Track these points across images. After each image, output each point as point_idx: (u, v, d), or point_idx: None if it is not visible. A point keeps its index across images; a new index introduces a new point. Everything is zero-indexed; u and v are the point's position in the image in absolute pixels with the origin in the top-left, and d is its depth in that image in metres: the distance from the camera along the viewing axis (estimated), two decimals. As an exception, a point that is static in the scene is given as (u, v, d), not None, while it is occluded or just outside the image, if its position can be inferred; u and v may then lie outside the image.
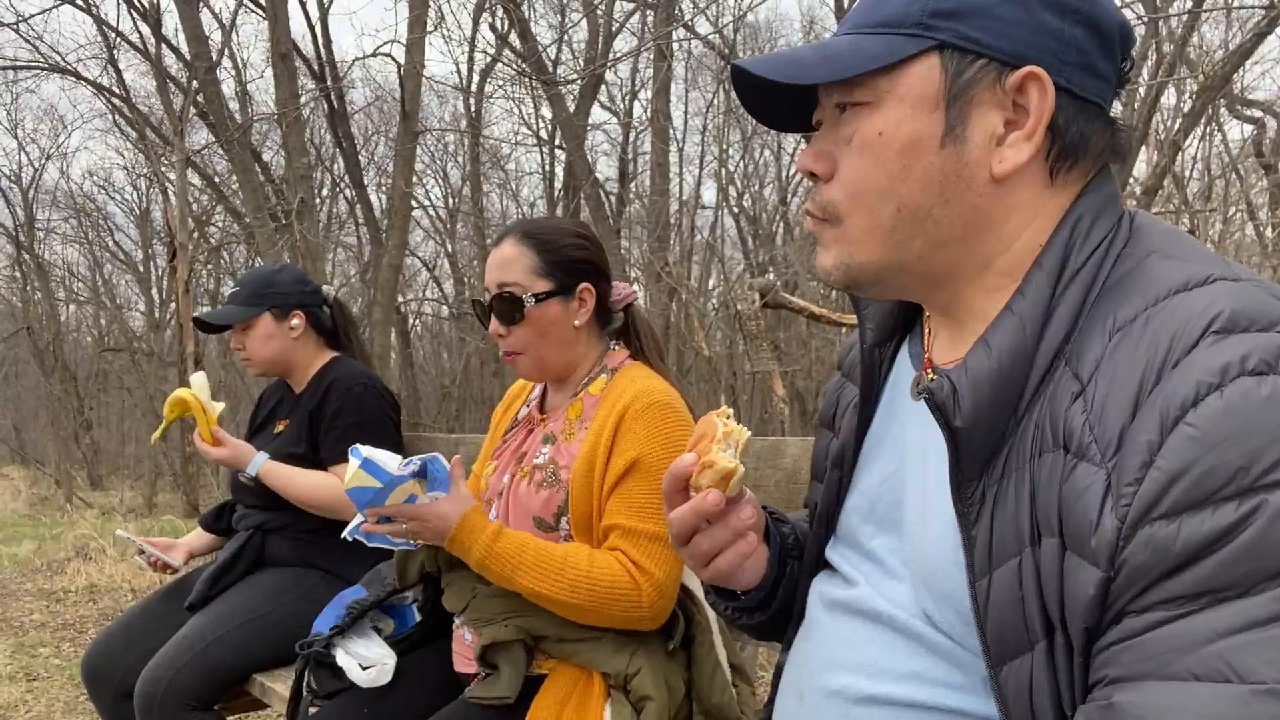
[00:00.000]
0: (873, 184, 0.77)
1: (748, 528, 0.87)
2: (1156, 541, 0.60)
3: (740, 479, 0.84)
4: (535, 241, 1.60)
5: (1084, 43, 0.74)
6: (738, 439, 0.84)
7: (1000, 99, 0.74)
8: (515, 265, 1.59)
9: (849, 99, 0.78)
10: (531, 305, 1.57)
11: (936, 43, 0.75)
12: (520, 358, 1.62)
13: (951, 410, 0.73)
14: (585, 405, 1.61)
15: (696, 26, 8.49)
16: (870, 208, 0.78)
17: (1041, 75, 0.73)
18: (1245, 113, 8.00)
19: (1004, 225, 0.77)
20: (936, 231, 0.77)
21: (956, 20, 0.74)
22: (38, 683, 4.01)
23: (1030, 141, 0.74)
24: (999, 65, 0.74)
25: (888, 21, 0.77)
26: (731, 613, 1.02)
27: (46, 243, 16.31)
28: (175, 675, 2.05)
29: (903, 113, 0.76)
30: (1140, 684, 0.60)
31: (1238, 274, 0.68)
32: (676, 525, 0.86)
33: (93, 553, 6.53)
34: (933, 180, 0.76)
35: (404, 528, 1.49)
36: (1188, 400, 0.61)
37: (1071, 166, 0.77)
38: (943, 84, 0.75)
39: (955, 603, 0.75)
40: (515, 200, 13.28)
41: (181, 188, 7.91)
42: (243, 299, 2.36)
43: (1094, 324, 0.71)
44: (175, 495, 10.55)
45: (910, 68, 0.76)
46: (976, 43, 0.74)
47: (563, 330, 1.61)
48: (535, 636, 1.51)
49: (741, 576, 0.96)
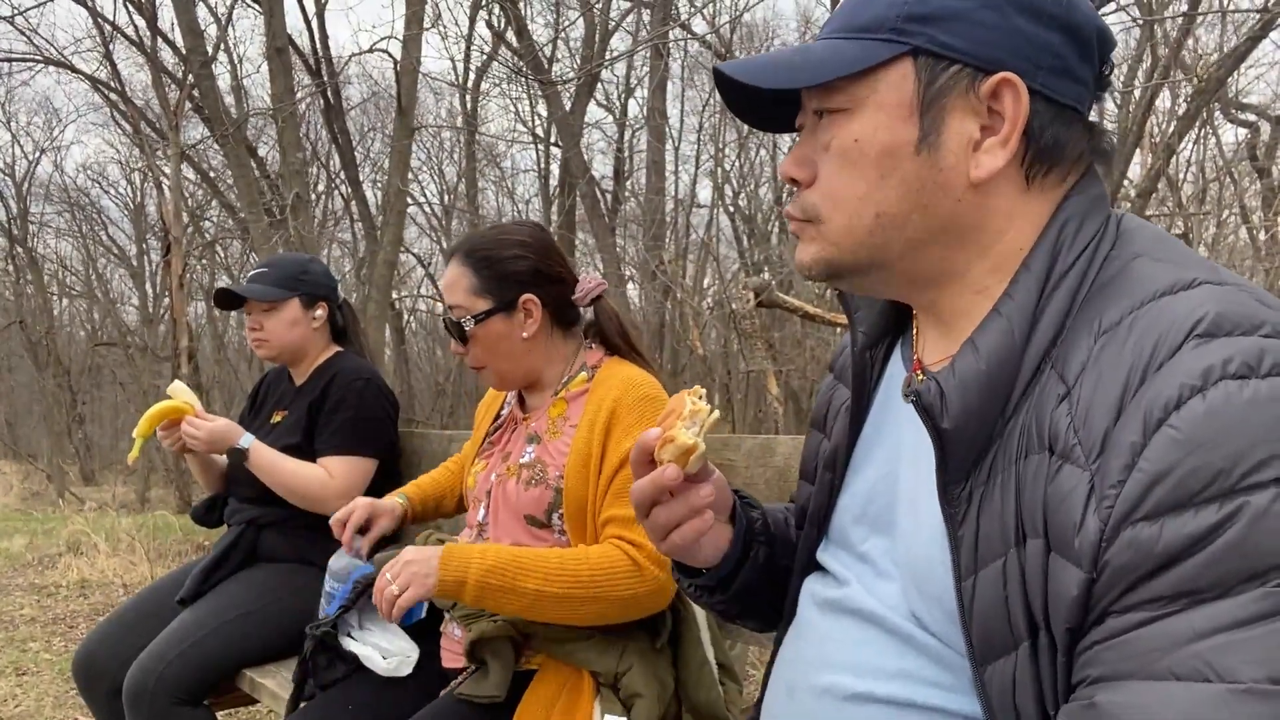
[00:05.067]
0: (851, 191, 0.78)
1: (706, 505, 0.88)
2: (1139, 542, 0.61)
3: (700, 456, 0.85)
4: (474, 260, 1.61)
5: (1060, 47, 0.74)
6: (704, 418, 0.86)
7: (975, 105, 0.74)
8: (457, 287, 1.61)
9: (826, 105, 0.79)
10: (472, 326, 1.60)
11: (910, 48, 0.75)
12: (483, 371, 1.66)
13: (939, 412, 0.73)
14: (568, 404, 1.62)
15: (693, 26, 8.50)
16: (849, 213, 0.78)
17: (1015, 81, 0.73)
18: (1239, 116, 8.03)
19: (983, 229, 0.77)
20: (915, 235, 0.78)
21: (931, 25, 0.74)
22: (27, 677, 4.01)
23: (1006, 148, 0.74)
24: (973, 70, 0.74)
25: (865, 26, 0.77)
26: (692, 590, 1.03)
27: (40, 236, 16.28)
28: (165, 669, 2.05)
29: (878, 120, 0.76)
30: (1122, 684, 0.61)
31: (1223, 278, 0.69)
32: (636, 496, 0.88)
33: (84, 548, 6.51)
34: (910, 187, 0.76)
35: (394, 585, 1.42)
36: (1171, 402, 0.62)
37: (1047, 171, 0.77)
38: (916, 90, 0.75)
39: (943, 603, 0.76)
40: (510, 198, 13.28)
41: (176, 182, 7.90)
42: (273, 280, 2.35)
43: (1080, 327, 0.71)
44: (168, 491, 10.54)
45: (885, 74, 0.76)
46: (951, 48, 0.74)
47: (510, 345, 1.62)
48: (524, 633, 1.51)
49: (699, 553, 0.96)
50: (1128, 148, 5.52)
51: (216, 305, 2.46)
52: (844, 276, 0.82)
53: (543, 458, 1.58)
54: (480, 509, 1.66)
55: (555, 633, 1.50)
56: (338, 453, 2.25)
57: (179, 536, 7.05)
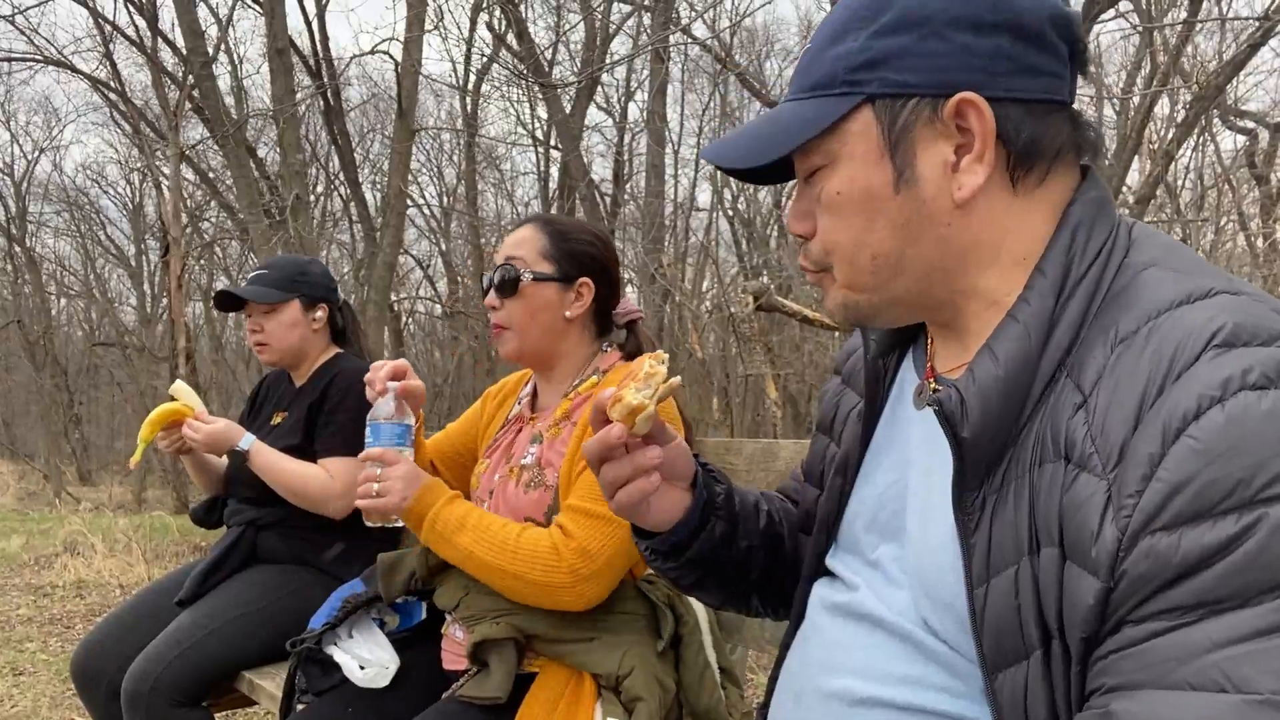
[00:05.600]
0: (845, 239, 0.81)
1: (652, 466, 0.89)
2: (1157, 552, 0.61)
3: (648, 417, 0.87)
4: (549, 228, 1.67)
5: (1011, 49, 0.75)
6: (659, 381, 0.88)
7: (943, 130, 0.75)
8: (525, 244, 1.65)
9: (807, 166, 0.82)
10: (527, 281, 1.62)
11: (865, 95, 0.77)
12: (506, 333, 1.65)
13: (959, 420, 0.73)
14: (573, 404, 1.62)
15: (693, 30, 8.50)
16: (848, 260, 0.81)
17: (973, 98, 0.74)
18: (1238, 124, 8.06)
19: (980, 245, 0.78)
20: (916, 267, 0.79)
21: (880, 69, 0.76)
22: (24, 677, 4.00)
23: (983, 163, 0.75)
24: (931, 99, 0.75)
25: (818, 84, 0.79)
26: (647, 554, 1.04)
27: (38, 236, 16.26)
28: (163, 670, 2.04)
29: (853, 170, 0.78)
30: (1137, 693, 0.61)
31: (1238, 288, 0.69)
32: (587, 452, 0.90)
33: (81, 548, 6.50)
34: (897, 225, 0.78)
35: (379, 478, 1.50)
36: (1189, 413, 0.61)
37: (1030, 169, 0.77)
38: (881, 134, 0.77)
39: (954, 610, 0.76)
40: (510, 200, 13.29)
41: (175, 182, 7.90)
42: (273, 282, 2.35)
43: (1096, 335, 0.71)
44: (165, 491, 10.52)
45: (847, 125, 0.78)
46: (903, 85, 0.75)
47: (552, 316, 1.64)
48: (527, 635, 1.51)
49: (647, 514, 0.97)
50: (1127, 154, 5.53)
51: (216, 307, 2.45)
52: (868, 318, 0.85)
53: (541, 459, 1.58)
54: (484, 508, 1.66)
55: (557, 634, 1.50)
56: (339, 454, 2.25)
57: (176, 537, 7.05)
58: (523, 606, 1.50)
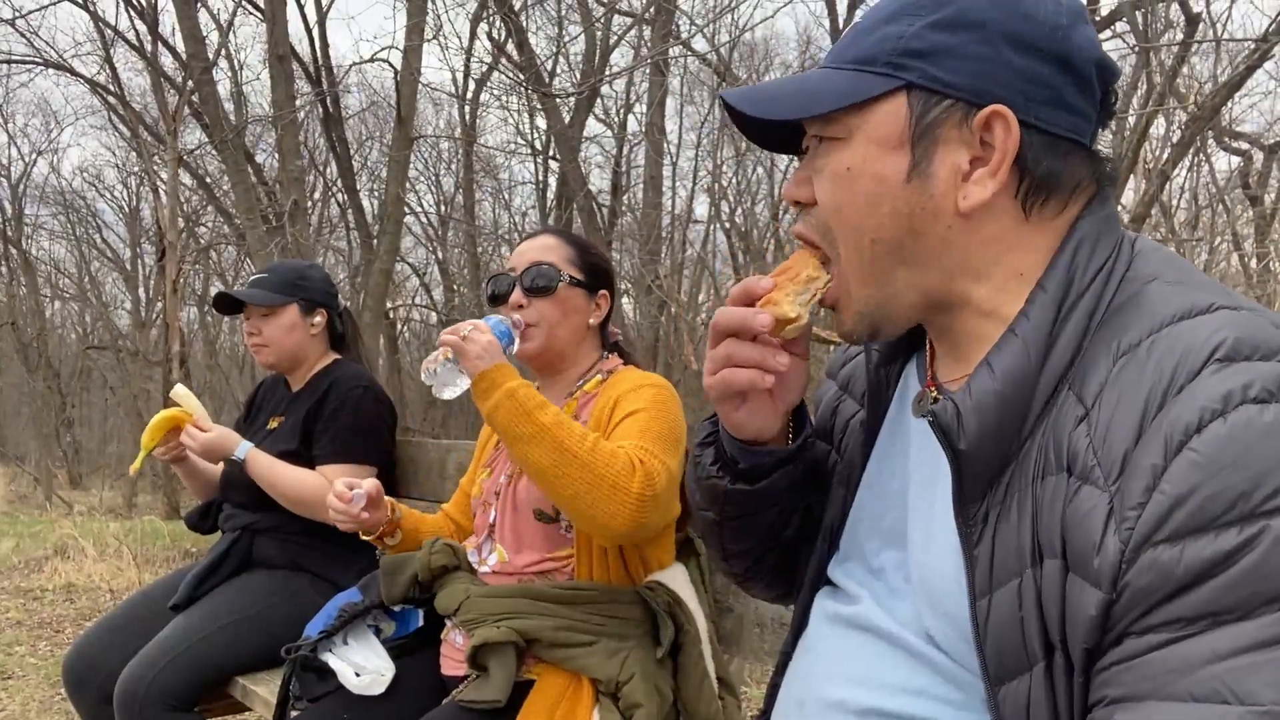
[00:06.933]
0: (845, 216, 0.80)
1: (774, 369, 0.84)
2: (1159, 565, 0.61)
3: (797, 328, 0.83)
4: (571, 239, 1.74)
5: (1053, 79, 0.75)
6: (820, 287, 0.83)
7: (966, 136, 0.76)
8: (552, 251, 1.69)
9: (823, 133, 0.81)
10: (565, 283, 1.66)
11: (904, 83, 0.77)
12: (532, 329, 1.66)
13: (955, 433, 0.74)
14: (580, 404, 1.66)
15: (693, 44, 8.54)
16: (848, 240, 0.81)
17: (1006, 113, 0.74)
18: (1233, 145, 8.10)
19: (978, 257, 0.79)
20: (914, 260, 0.79)
21: (925, 60, 0.76)
22: (12, 681, 3.97)
23: (995, 178, 0.76)
24: (965, 104, 0.76)
25: (860, 59, 0.79)
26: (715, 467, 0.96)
27: (34, 238, 16.20)
28: (156, 675, 2.03)
29: (869, 150, 0.78)
30: (1140, 704, 0.61)
31: (1239, 303, 0.70)
32: (720, 318, 0.85)
33: (72, 552, 6.47)
34: (900, 214, 0.78)
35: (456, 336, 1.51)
36: (1191, 425, 0.62)
37: (1045, 201, 0.78)
38: (908, 123, 0.77)
39: (957, 622, 0.76)
40: (508, 209, 13.28)
41: (173, 187, 7.89)
42: (272, 286, 2.36)
43: (1098, 348, 0.72)
44: (156, 496, 10.48)
45: (878, 106, 0.78)
46: (943, 83, 0.76)
47: (580, 321, 1.70)
48: (528, 639, 1.51)
49: (734, 413, 0.91)
50: (1122, 173, 5.56)
51: (215, 309, 2.46)
52: (879, 323, 0.84)
53: None
54: (490, 512, 1.66)
55: (558, 638, 1.50)
56: (336, 460, 2.25)
57: (167, 542, 7.01)
58: (525, 610, 1.49)
